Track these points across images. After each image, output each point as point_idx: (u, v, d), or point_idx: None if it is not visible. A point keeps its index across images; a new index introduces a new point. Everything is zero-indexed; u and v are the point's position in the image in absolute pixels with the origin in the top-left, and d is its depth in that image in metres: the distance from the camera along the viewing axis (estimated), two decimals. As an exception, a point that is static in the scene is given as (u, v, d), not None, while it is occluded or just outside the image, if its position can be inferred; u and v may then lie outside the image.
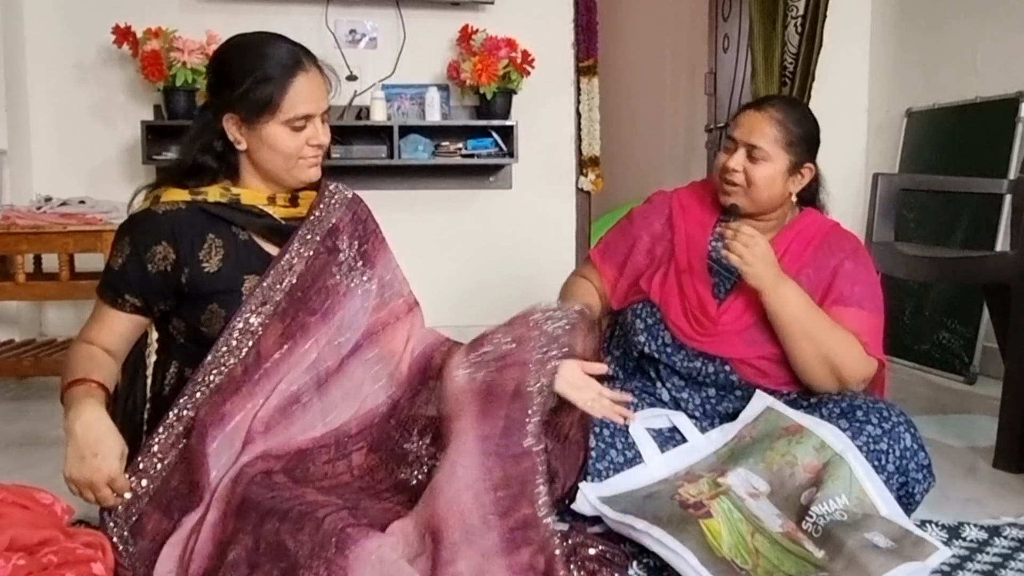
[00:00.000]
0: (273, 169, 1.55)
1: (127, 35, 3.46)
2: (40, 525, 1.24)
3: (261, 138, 1.51)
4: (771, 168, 1.83)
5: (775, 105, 1.87)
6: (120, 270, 1.50)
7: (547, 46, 3.88)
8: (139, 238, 1.49)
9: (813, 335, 1.76)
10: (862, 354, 1.78)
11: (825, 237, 1.90)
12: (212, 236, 1.51)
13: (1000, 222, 3.13)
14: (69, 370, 1.47)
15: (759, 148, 1.82)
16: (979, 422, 2.62)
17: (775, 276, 1.77)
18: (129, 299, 1.52)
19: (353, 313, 1.58)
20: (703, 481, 1.63)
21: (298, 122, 1.51)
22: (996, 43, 3.30)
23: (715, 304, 1.84)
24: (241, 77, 1.49)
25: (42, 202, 2.96)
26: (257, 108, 1.49)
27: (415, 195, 3.83)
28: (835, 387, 1.80)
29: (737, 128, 1.87)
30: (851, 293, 1.82)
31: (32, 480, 1.46)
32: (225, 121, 1.51)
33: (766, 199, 1.86)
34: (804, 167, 1.88)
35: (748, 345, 1.83)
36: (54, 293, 2.98)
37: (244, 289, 1.50)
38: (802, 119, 1.88)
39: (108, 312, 1.54)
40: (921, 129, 3.68)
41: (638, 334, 1.89)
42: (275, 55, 1.51)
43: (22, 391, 3.10)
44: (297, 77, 1.50)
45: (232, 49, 1.55)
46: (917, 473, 1.70)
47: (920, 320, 3.47)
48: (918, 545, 1.48)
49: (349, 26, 3.80)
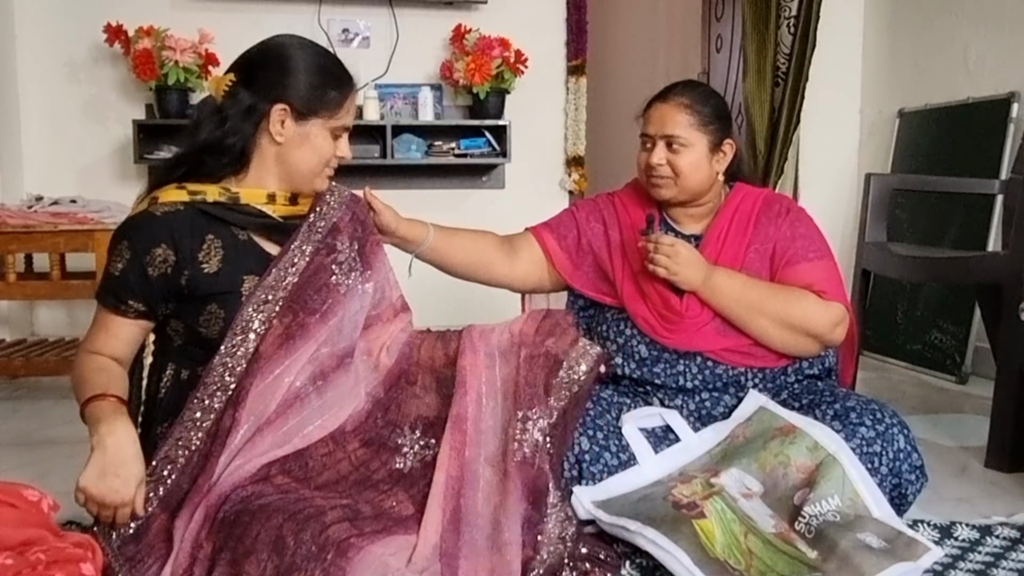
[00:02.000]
0: (302, 170, 1.55)
1: (119, 34, 3.44)
2: (28, 523, 1.23)
3: (306, 135, 1.52)
4: (693, 153, 1.85)
5: (679, 92, 1.88)
6: (120, 276, 1.47)
7: (540, 46, 3.88)
8: (137, 242, 1.46)
9: (761, 307, 1.78)
10: (819, 302, 1.80)
11: (761, 208, 1.92)
12: (211, 237, 1.49)
13: (992, 222, 3.14)
14: (84, 383, 1.44)
15: (677, 136, 1.84)
16: (970, 422, 2.63)
17: (704, 274, 1.80)
18: (132, 304, 1.48)
19: (352, 313, 1.58)
20: (696, 482, 1.63)
21: (340, 131, 1.56)
22: (988, 44, 3.30)
23: (678, 300, 1.84)
24: (309, 71, 1.51)
25: (33, 201, 2.95)
26: (320, 104, 1.52)
27: (408, 195, 3.81)
28: (815, 346, 1.83)
29: (649, 124, 1.88)
30: (795, 250, 1.85)
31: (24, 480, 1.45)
32: (273, 111, 1.50)
33: (696, 184, 1.87)
34: (724, 144, 1.89)
35: (721, 335, 1.83)
36: (45, 293, 2.97)
37: (244, 290, 1.48)
38: (708, 97, 1.89)
39: (111, 319, 1.50)
40: (913, 129, 3.69)
41: (611, 357, 1.89)
42: (334, 62, 1.58)
43: (13, 391, 3.08)
44: (353, 90, 1.58)
45: (292, 47, 1.55)
46: (910, 474, 1.70)
47: (912, 320, 3.48)
48: (910, 545, 1.48)
49: (342, 25, 3.80)
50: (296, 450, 1.46)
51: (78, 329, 3.50)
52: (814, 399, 1.80)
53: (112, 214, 2.87)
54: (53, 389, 3.04)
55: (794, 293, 1.81)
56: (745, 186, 1.98)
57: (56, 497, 1.37)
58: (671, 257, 1.78)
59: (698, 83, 1.97)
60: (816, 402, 1.79)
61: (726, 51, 4.37)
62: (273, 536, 1.24)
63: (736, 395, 1.85)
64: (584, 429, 1.74)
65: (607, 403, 1.83)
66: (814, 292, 1.81)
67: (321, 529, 1.27)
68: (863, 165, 3.99)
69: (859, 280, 2.82)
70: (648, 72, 5.85)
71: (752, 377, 1.85)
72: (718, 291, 1.80)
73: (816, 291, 1.81)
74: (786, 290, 1.81)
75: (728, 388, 1.85)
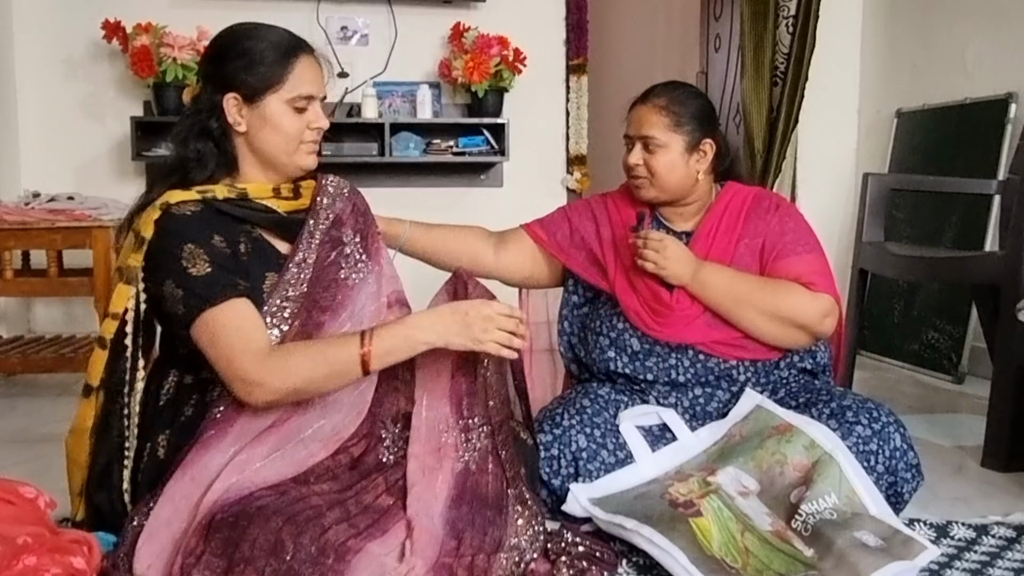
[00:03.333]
0: (274, 152, 1.53)
1: (117, 30, 3.44)
2: (24, 520, 1.24)
3: (264, 117, 1.50)
4: (668, 154, 1.87)
5: (658, 93, 1.91)
6: (213, 269, 1.39)
7: (539, 44, 3.88)
8: (198, 237, 1.41)
9: (749, 300, 1.80)
10: (807, 294, 1.81)
11: (751, 205, 1.94)
12: (238, 231, 1.48)
13: (989, 222, 3.14)
14: (326, 355, 1.38)
15: (652, 138, 1.86)
16: (967, 421, 2.63)
17: (692, 268, 1.82)
18: (241, 283, 1.42)
19: (360, 307, 1.56)
20: (693, 480, 1.63)
21: (300, 102, 1.52)
22: (986, 44, 3.31)
23: (668, 294, 1.86)
24: (243, 53, 1.49)
25: (30, 198, 2.94)
26: (261, 82, 1.49)
27: (406, 193, 3.82)
28: (805, 337, 1.84)
29: (630, 125, 1.92)
30: (783, 245, 1.87)
31: (21, 477, 1.45)
32: (226, 102, 1.49)
33: (673, 184, 1.89)
34: (703, 144, 1.90)
35: (712, 328, 1.84)
36: (42, 290, 2.97)
37: (265, 287, 1.47)
38: (687, 99, 1.90)
39: (243, 306, 1.39)
40: (911, 129, 3.69)
41: (605, 351, 1.89)
42: (277, 35, 1.54)
43: (10, 388, 3.08)
44: (299, 57, 1.53)
45: (233, 32, 1.54)
46: (906, 473, 1.70)
47: (909, 320, 3.49)
48: (907, 544, 1.48)
49: (340, 23, 3.79)
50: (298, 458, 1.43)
51: (75, 326, 3.50)
52: (811, 398, 1.81)
53: (109, 211, 2.86)
54: (50, 386, 3.03)
55: (782, 285, 1.82)
56: (736, 184, 1.99)
57: (52, 494, 1.37)
58: (660, 252, 1.80)
59: (680, 84, 1.99)
60: (812, 401, 1.79)
61: (724, 51, 4.37)
62: (272, 540, 1.22)
63: (729, 389, 1.86)
64: (581, 427, 1.74)
65: (604, 401, 1.83)
66: (802, 284, 1.82)
67: (320, 532, 1.26)
68: (861, 165, 3.99)
69: (856, 279, 2.82)
70: (646, 72, 5.84)
71: (744, 371, 1.86)
72: (707, 285, 1.82)
73: (804, 283, 1.82)
74: (774, 283, 1.83)
75: (720, 382, 1.86)
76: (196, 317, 1.39)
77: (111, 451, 1.48)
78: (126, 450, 1.48)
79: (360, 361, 1.39)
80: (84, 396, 1.48)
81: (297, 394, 1.40)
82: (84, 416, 1.47)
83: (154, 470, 1.45)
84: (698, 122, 1.89)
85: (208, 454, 1.39)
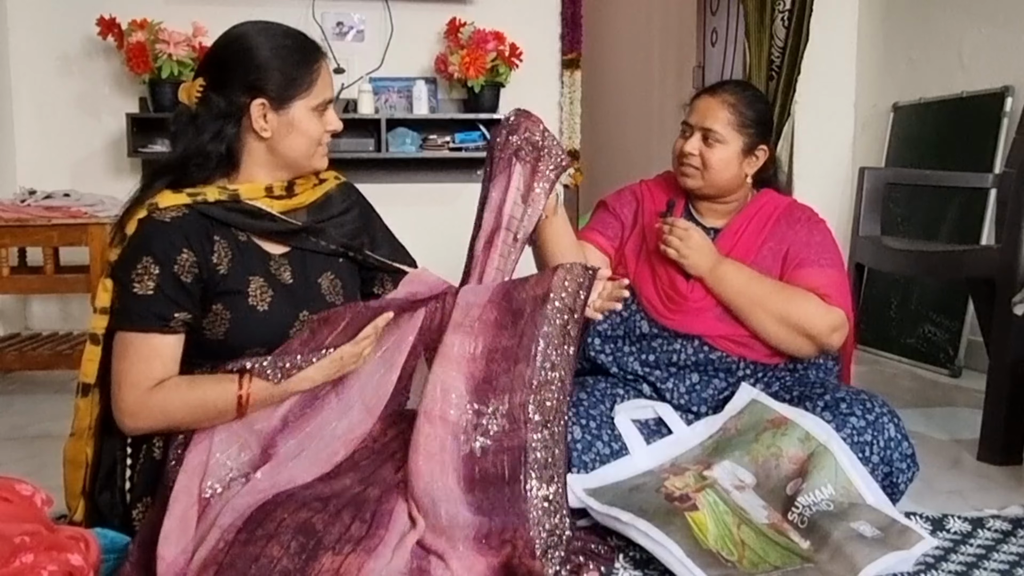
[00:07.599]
0: (295, 156, 1.52)
1: (112, 27, 3.43)
2: (22, 518, 1.23)
3: (291, 123, 1.49)
4: (726, 150, 1.89)
5: (728, 89, 1.94)
6: (156, 293, 1.38)
7: (535, 39, 3.87)
8: (161, 252, 1.39)
9: (763, 302, 1.82)
10: (821, 305, 1.83)
11: (783, 213, 1.95)
12: (218, 238, 1.46)
13: (985, 216, 3.14)
14: (206, 400, 1.39)
15: (714, 131, 1.88)
16: (963, 415, 2.63)
17: (712, 262, 1.84)
18: (179, 317, 1.41)
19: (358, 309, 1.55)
20: (689, 474, 1.63)
21: (322, 107, 1.52)
22: (982, 38, 3.31)
23: (685, 282, 1.87)
24: (271, 59, 1.47)
25: (26, 195, 2.93)
26: (292, 88, 1.48)
27: (402, 188, 3.81)
28: (810, 347, 1.85)
29: (693, 113, 1.93)
30: (806, 255, 1.88)
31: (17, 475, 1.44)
32: (253, 108, 1.47)
33: (723, 181, 1.91)
34: (758, 149, 1.93)
35: (721, 322, 1.86)
36: (38, 287, 2.97)
37: (250, 291, 1.46)
38: (754, 101, 1.94)
39: (159, 341, 1.40)
40: (907, 123, 3.70)
41: (615, 328, 1.91)
42: (299, 40, 1.52)
43: (6, 385, 3.08)
44: (321, 62, 1.53)
45: (252, 35, 1.50)
46: (901, 463, 1.71)
47: (906, 314, 3.49)
48: (904, 534, 1.49)
49: (336, 18, 3.78)
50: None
51: (71, 323, 3.49)
52: (805, 391, 1.83)
53: (105, 208, 2.86)
54: (46, 383, 3.03)
55: (797, 292, 1.83)
56: (771, 192, 2.01)
57: (49, 491, 1.37)
58: (683, 240, 1.83)
59: (749, 86, 2.03)
60: (807, 394, 1.81)
61: (721, 45, 4.37)
62: (302, 521, 1.25)
63: (726, 380, 1.87)
64: (577, 418, 1.75)
65: (601, 394, 1.84)
66: (818, 295, 1.83)
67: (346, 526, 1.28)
68: (857, 159, 3.99)
69: (853, 274, 2.82)
70: (643, 66, 5.85)
71: (744, 368, 1.87)
72: (724, 280, 1.83)
73: (820, 295, 1.84)
74: (790, 289, 1.84)
75: (719, 373, 1.87)
76: (116, 330, 1.42)
77: (114, 450, 1.48)
78: (127, 449, 1.49)
79: (237, 403, 1.39)
80: (82, 396, 1.47)
81: (165, 430, 1.43)
82: (83, 416, 1.47)
83: (151, 469, 1.45)
84: (759, 127, 1.92)
85: (207, 452, 1.39)
